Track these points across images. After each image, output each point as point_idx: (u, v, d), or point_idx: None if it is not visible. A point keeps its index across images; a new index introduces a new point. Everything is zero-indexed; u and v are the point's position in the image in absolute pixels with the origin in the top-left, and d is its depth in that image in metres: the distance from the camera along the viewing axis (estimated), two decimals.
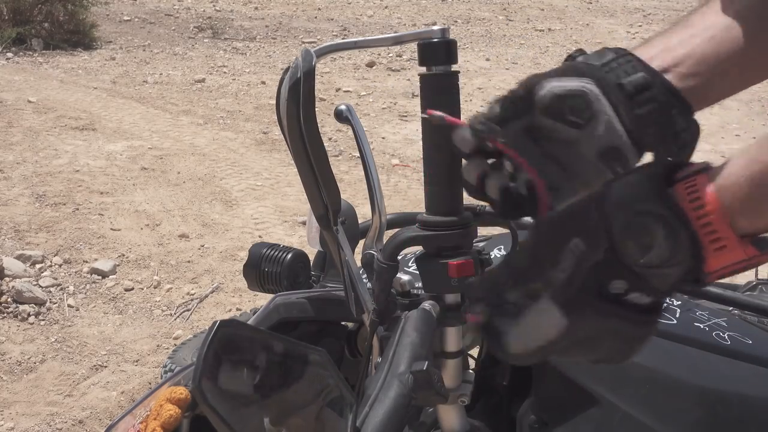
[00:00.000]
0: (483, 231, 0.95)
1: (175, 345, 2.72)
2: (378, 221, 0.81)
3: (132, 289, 3.31)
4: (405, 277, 0.78)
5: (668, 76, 0.65)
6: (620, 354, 0.56)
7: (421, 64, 0.72)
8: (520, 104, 0.65)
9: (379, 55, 8.09)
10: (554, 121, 0.63)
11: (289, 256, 1.19)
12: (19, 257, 3.39)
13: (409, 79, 7.20)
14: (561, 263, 0.53)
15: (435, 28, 0.71)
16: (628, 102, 0.62)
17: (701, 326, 0.86)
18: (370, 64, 7.78)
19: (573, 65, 0.67)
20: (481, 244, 0.96)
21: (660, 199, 0.50)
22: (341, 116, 0.80)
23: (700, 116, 0.67)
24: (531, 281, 0.55)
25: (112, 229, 3.84)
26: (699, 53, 0.66)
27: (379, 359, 0.72)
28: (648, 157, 0.63)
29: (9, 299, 3.07)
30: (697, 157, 0.60)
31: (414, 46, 0.72)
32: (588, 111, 0.62)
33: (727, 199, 0.49)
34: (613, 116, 0.62)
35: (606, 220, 0.51)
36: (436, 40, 0.71)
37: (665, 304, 0.57)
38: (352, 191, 4.41)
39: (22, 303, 3.07)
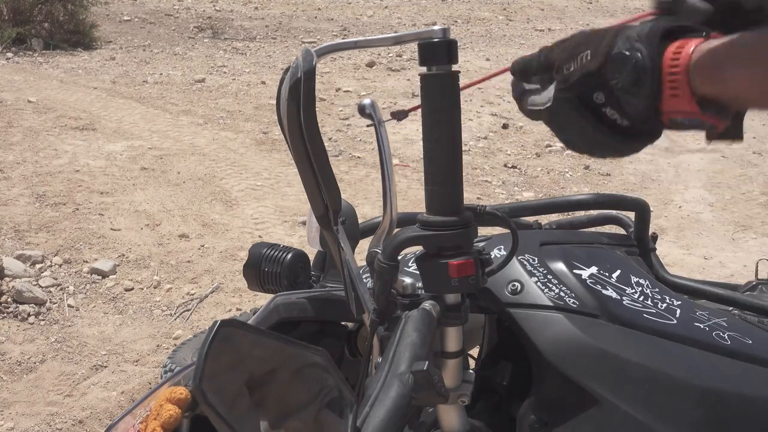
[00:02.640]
0: (483, 231, 0.95)
1: (175, 345, 2.72)
2: (388, 221, 0.81)
3: (132, 289, 3.31)
4: (408, 280, 0.78)
5: None
6: (579, 144, 0.71)
7: (421, 64, 0.72)
8: None
9: (379, 55, 8.09)
10: None
11: (289, 256, 1.19)
12: (19, 257, 3.39)
13: (409, 79, 7.20)
14: (571, 64, 0.67)
15: (435, 28, 0.71)
16: None
17: (701, 326, 0.86)
18: (370, 64, 7.78)
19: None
20: (481, 244, 0.96)
21: (649, 46, 0.62)
22: (364, 111, 0.79)
23: None
24: (549, 71, 0.70)
25: (112, 229, 3.84)
26: None
27: (380, 359, 0.72)
28: None
29: (9, 299, 3.07)
30: (697, 157, 0.63)
31: (414, 46, 0.72)
32: None
33: (696, 61, 0.60)
34: None
35: (610, 45, 0.64)
36: (436, 40, 0.71)
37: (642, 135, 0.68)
38: (352, 191, 4.41)
39: (22, 303, 3.07)
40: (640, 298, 0.88)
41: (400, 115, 0.75)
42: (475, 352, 1.13)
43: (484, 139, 5.62)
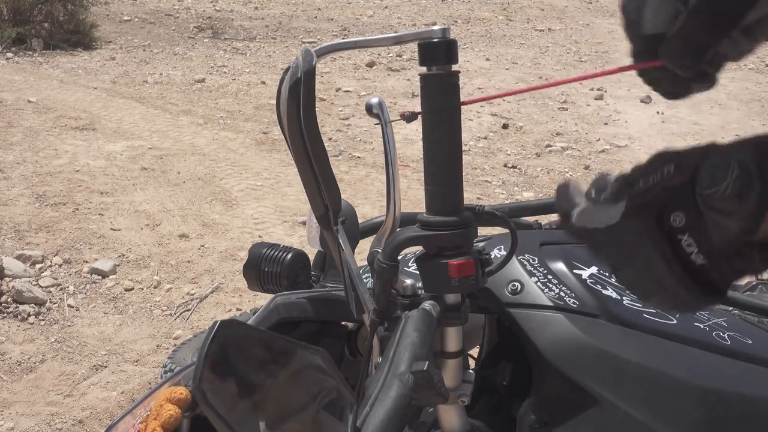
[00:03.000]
0: (483, 231, 0.95)
1: (175, 345, 2.72)
2: (391, 221, 0.81)
3: (132, 289, 3.31)
4: (408, 280, 0.78)
5: None
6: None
7: (421, 64, 0.72)
8: None
9: (379, 55, 8.09)
10: None
11: (289, 256, 1.19)
12: (19, 257, 3.39)
13: (409, 79, 7.20)
14: (650, 178, 0.54)
15: (435, 28, 0.71)
16: None
17: (701, 326, 0.86)
18: (370, 64, 7.78)
19: None
20: (481, 244, 0.96)
21: (756, 154, 0.49)
22: (371, 110, 0.79)
23: (699, 116, 0.67)
24: (619, 185, 0.56)
25: (112, 229, 3.84)
26: None
27: (379, 359, 0.72)
28: None
29: (9, 299, 3.07)
30: None
31: (414, 46, 0.72)
32: None
33: None
34: None
35: (702, 156, 0.52)
36: (436, 40, 0.71)
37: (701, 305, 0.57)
38: (352, 191, 4.41)
39: (22, 303, 3.07)
40: None
41: (410, 117, 0.75)
42: (475, 352, 1.13)
43: (484, 139, 5.62)
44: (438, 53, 0.71)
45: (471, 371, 0.84)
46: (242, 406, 0.57)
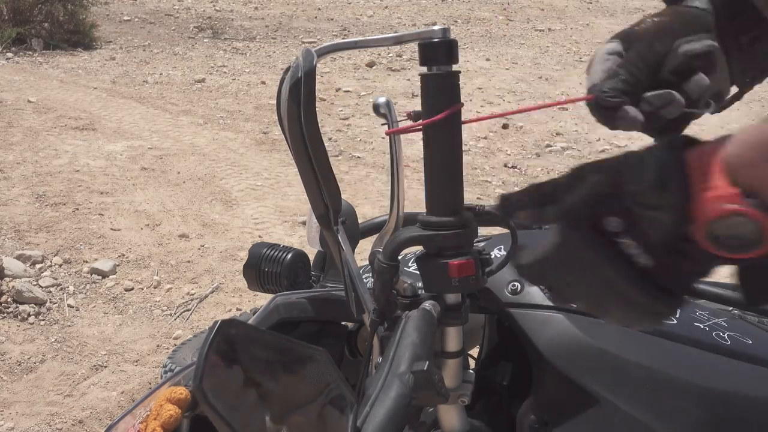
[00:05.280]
0: (483, 231, 0.95)
1: (175, 345, 2.72)
2: (394, 221, 0.81)
3: (132, 289, 3.31)
4: (408, 280, 0.78)
5: None
6: (595, 302, 0.57)
7: (421, 64, 0.72)
8: (647, 69, 0.66)
9: (379, 55, 8.09)
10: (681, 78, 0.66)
11: (289, 256, 1.19)
12: (19, 257, 3.39)
13: (409, 79, 7.20)
14: (573, 190, 0.56)
15: (436, 28, 0.71)
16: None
17: (701, 326, 0.86)
18: (370, 64, 7.78)
19: (681, 14, 0.69)
20: (481, 244, 0.96)
21: (667, 147, 0.52)
22: (378, 110, 0.79)
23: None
24: (542, 205, 0.59)
25: (112, 229, 3.84)
26: None
27: (380, 359, 0.72)
28: None
29: (9, 299, 3.07)
30: None
31: (414, 46, 0.72)
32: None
33: (734, 149, 0.50)
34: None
35: (618, 158, 0.54)
36: (436, 40, 0.71)
37: (671, 307, 0.56)
38: (352, 191, 4.41)
39: (22, 303, 3.07)
40: None
41: (416, 116, 0.75)
42: (475, 352, 1.13)
43: (484, 139, 5.62)
44: (438, 53, 0.71)
45: (471, 371, 0.84)
46: (243, 406, 0.57)
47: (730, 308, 1.04)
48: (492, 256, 0.79)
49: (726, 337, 0.84)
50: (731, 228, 0.50)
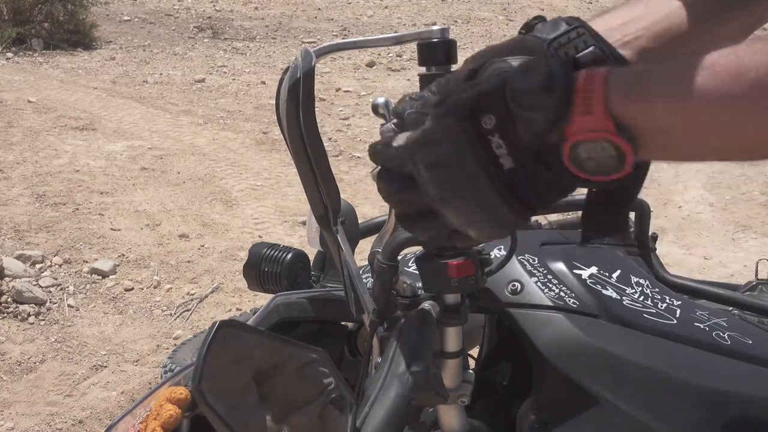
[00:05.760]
0: None
1: (175, 345, 2.72)
2: (393, 221, 0.81)
3: (132, 289, 3.31)
4: (407, 280, 0.78)
5: (624, 51, 0.67)
6: (451, 196, 0.56)
7: (420, 64, 0.72)
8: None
9: (379, 55, 8.09)
10: None
11: (289, 256, 1.19)
12: (19, 257, 3.39)
13: (409, 79, 7.20)
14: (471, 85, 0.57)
15: (435, 28, 0.71)
16: None
17: (701, 326, 0.86)
18: (370, 64, 7.78)
19: (522, 41, 0.69)
20: (481, 244, 0.96)
21: (561, 60, 0.55)
22: (377, 110, 0.79)
23: None
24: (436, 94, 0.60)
25: (112, 229, 3.84)
26: (655, 29, 0.69)
27: (379, 359, 0.72)
28: None
29: (9, 299, 3.07)
30: None
31: (414, 46, 0.72)
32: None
33: (618, 78, 0.53)
34: None
35: (520, 64, 0.57)
36: (436, 40, 0.70)
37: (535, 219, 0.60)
38: (352, 191, 4.41)
39: (22, 303, 3.07)
40: (640, 298, 0.88)
41: None
42: (475, 352, 1.13)
43: None
44: (437, 53, 0.71)
45: (471, 371, 0.84)
46: (242, 406, 0.57)
47: (730, 308, 1.04)
48: (492, 256, 0.79)
49: (726, 337, 0.84)
50: (595, 152, 0.52)
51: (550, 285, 0.88)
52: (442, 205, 0.57)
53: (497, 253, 0.94)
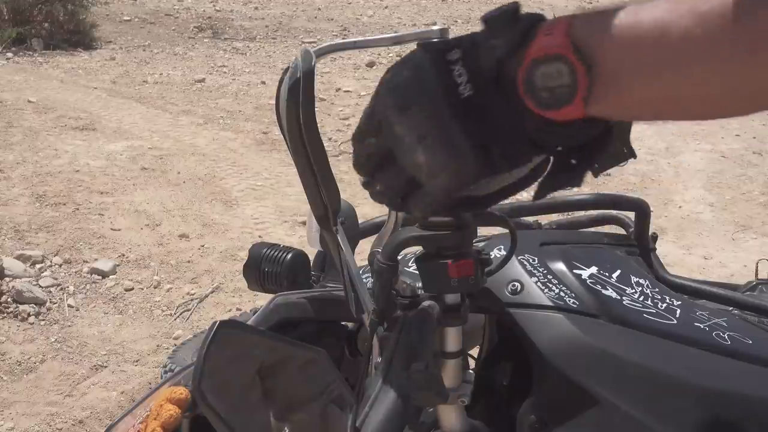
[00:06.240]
0: (483, 231, 0.95)
1: (175, 345, 2.72)
2: (393, 221, 0.81)
3: (132, 289, 3.31)
4: (407, 280, 0.78)
5: None
6: (417, 138, 0.57)
7: None
8: None
9: (379, 55, 8.09)
10: None
11: (289, 256, 1.19)
12: (19, 257, 3.39)
13: None
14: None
15: (434, 28, 0.71)
16: None
17: (701, 326, 0.86)
18: (370, 64, 7.77)
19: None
20: (481, 244, 0.96)
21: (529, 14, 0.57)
22: None
23: None
24: None
25: (112, 229, 3.84)
26: None
27: (379, 359, 0.72)
28: None
29: (9, 299, 3.07)
30: (697, 157, 0.60)
31: (414, 46, 0.72)
32: None
33: (581, 14, 0.54)
34: None
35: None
36: (435, 40, 0.71)
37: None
38: (352, 191, 4.40)
39: (22, 303, 3.07)
40: (640, 298, 0.88)
41: None
42: (475, 352, 1.13)
43: None
44: None
45: (471, 371, 0.84)
46: (242, 406, 0.57)
47: (730, 308, 1.04)
48: (492, 256, 0.79)
49: (726, 337, 0.84)
50: (550, 79, 0.52)
51: (550, 285, 0.88)
52: (403, 143, 0.58)
53: (497, 253, 0.94)
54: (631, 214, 1.16)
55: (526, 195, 0.71)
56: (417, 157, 0.57)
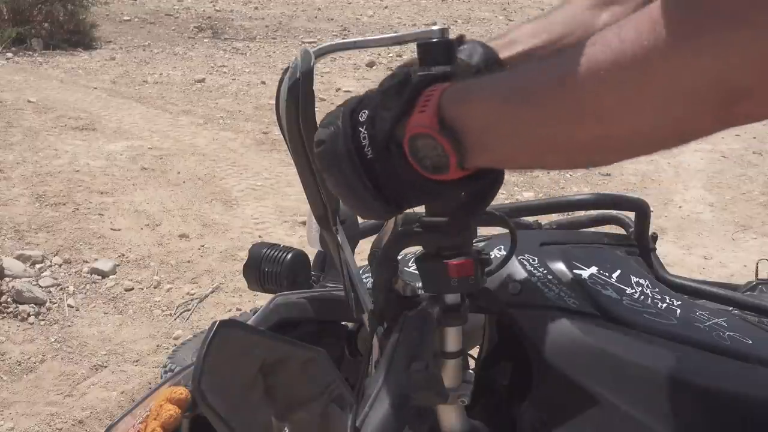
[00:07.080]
0: (483, 231, 0.95)
1: (175, 345, 2.72)
2: (393, 221, 0.81)
3: (132, 289, 3.31)
4: (407, 280, 0.78)
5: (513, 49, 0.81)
6: (342, 189, 0.66)
7: (420, 64, 0.72)
8: None
9: (379, 55, 8.09)
10: None
11: (289, 256, 1.19)
12: (19, 257, 3.39)
13: None
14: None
15: (434, 28, 0.71)
16: None
17: (701, 326, 0.86)
18: (370, 64, 7.77)
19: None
20: (481, 244, 0.96)
21: (420, 76, 0.64)
22: None
23: None
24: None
25: (112, 229, 3.84)
26: (557, 39, 0.82)
27: (379, 359, 0.72)
28: None
29: (9, 299, 3.07)
30: (697, 157, 0.61)
31: (414, 46, 0.72)
32: None
33: (451, 87, 0.61)
34: None
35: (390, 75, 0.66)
36: (435, 40, 0.71)
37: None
38: None
39: (22, 303, 3.07)
40: (640, 298, 0.88)
41: None
42: (475, 352, 1.13)
43: None
44: (437, 53, 0.71)
45: (471, 371, 0.84)
46: (242, 406, 0.57)
47: (730, 308, 1.04)
48: (492, 256, 0.79)
49: (726, 337, 0.84)
50: (427, 149, 0.60)
51: (550, 285, 0.88)
52: (330, 187, 0.68)
53: (497, 253, 0.95)
54: (631, 214, 1.16)
55: (526, 195, 0.71)
56: (339, 197, 0.69)
